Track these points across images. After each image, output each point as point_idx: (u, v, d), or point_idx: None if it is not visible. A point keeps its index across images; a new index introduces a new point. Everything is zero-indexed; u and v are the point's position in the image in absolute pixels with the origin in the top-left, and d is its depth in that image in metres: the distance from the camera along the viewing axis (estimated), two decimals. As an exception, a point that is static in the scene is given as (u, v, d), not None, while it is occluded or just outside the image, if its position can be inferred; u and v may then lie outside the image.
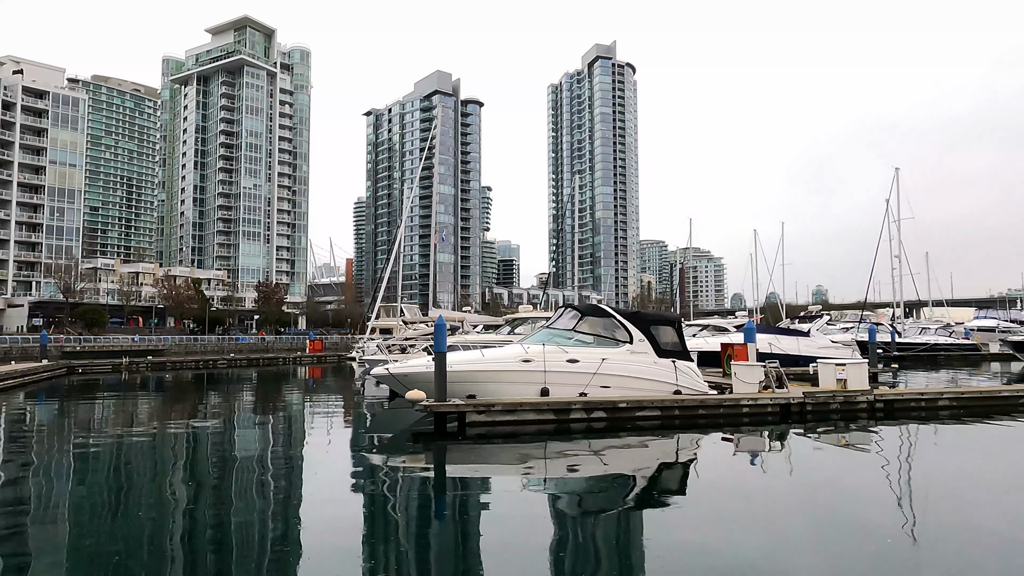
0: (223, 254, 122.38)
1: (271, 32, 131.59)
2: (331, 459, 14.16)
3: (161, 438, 16.91)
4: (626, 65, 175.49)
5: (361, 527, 8.69)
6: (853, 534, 8.02)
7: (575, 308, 19.30)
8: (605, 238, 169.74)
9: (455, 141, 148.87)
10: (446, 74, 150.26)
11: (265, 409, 24.68)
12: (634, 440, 15.18)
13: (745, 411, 17.45)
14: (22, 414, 22.53)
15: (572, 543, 8.04)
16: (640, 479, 11.67)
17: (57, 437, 17.14)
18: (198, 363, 52.06)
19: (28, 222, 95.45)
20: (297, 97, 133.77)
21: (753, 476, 12.02)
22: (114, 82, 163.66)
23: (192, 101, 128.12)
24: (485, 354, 18.00)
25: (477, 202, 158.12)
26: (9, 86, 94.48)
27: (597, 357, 17.26)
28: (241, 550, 7.77)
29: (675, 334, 18.66)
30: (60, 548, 7.80)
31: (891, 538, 7.79)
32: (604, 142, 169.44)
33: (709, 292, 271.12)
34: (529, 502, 10.04)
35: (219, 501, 10.18)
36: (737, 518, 8.86)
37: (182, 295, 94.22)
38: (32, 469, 12.80)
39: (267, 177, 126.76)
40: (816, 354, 27.55)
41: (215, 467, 13.20)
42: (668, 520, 9.00)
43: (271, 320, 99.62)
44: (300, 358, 60.03)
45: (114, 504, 9.99)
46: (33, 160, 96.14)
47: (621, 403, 16.54)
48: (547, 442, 14.77)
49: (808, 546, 7.71)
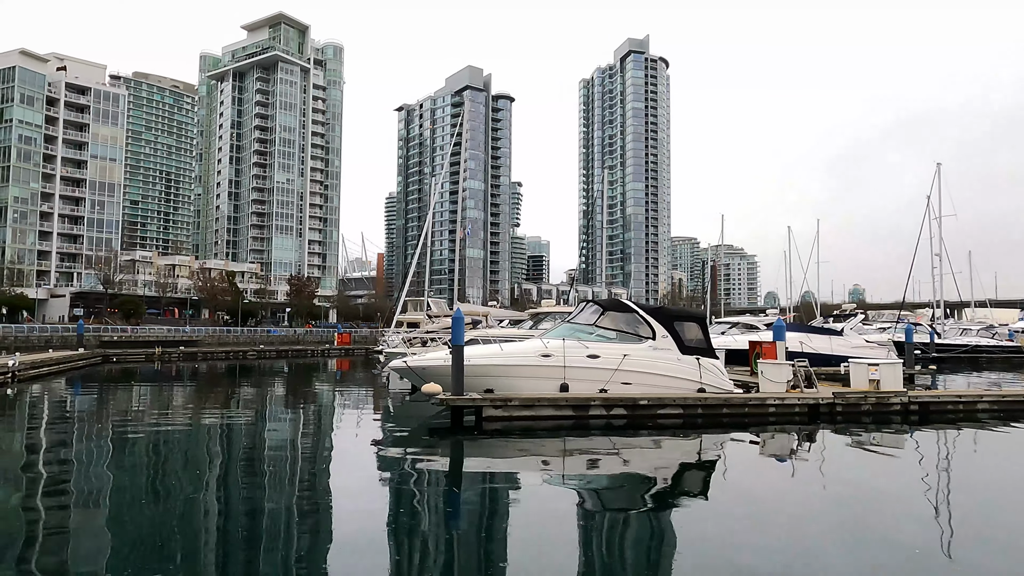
0: (256, 247, 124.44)
1: (305, 28, 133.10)
2: (352, 451, 14.13)
3: (194, 427, 17.17)
4: (659, 59, 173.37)
5: (379, 521, 8.57)
6: (882, 542, 7.60)
7: (597, 303, 18.95)
8: (635, 234, 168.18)
9: (485, 136, 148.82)
10: (477, 69, 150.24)
11: (293, 401, 24.90)
12: (655, 439, 14.83)
13: (772, 411, 16.93)
14: (61, 402, 23.08)
15: (590, 541, 7.80)
16: (661, 478, 11.35)
17: (94, 424, 17.47)
18: (229, 354, 52.97)
19: (70, 215, 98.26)
20: (330, 92, 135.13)
21: (779, 478, 11.61)
22: (154, 79, 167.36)
23: (228, 97, 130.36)
24: (504, 348, 17.79)
25: (507, 197, 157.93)
26: (53, 83, 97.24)
27: (618, 353, 16.91)
28: (269, 537, 7.80)
29: (700, 331, 18.20)
30: (99, 531, 8.00)
31: (920, 548, 7.37)
32: (636, 137, 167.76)
33: (742, 290, 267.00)
34: (546, 499, 9.80)
35: (249, 489, 10.27)
36: (761, 521, 8.52)
37: (216, 287, 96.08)
38: (71, 454, 13.19)
39: (300, 172, 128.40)
40: (849, 354, 26.71)
41: (245, 456, 13.35)
42: (690, 521, 8.70)
43: (302, 313, 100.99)
44: (328, 350, 60.76)
45: (150, 490, 10.24)
46: (75, 155, 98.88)
47: (642, 400, 16.17)
48: (565, 438, 14.52)
49: (834, 552, 7.33)
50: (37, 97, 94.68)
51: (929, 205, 55.49)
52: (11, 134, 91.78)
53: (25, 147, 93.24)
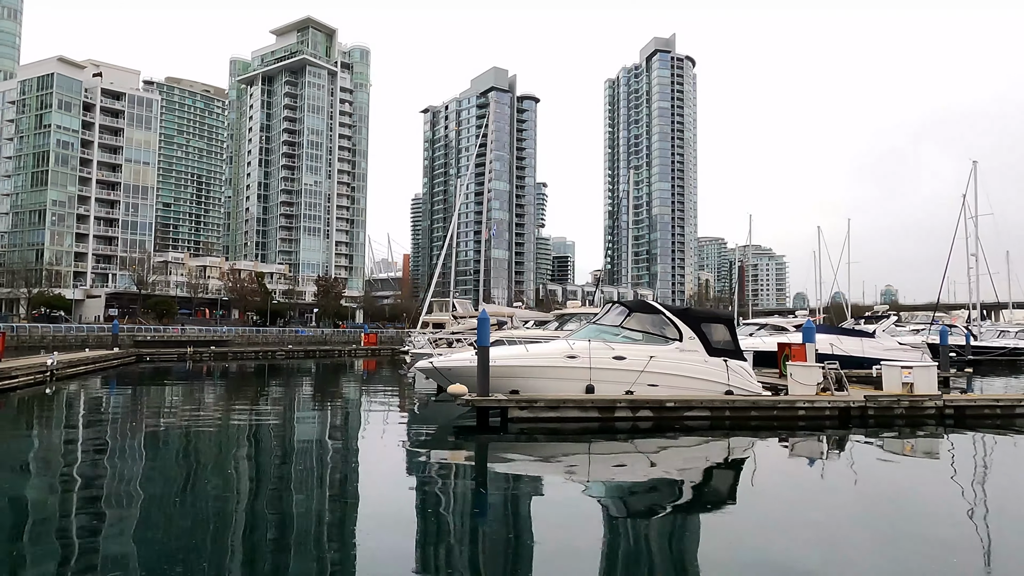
0: (285, 249, 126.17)
1: (332, 32, 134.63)
2: (378, 451, 14.25)
3: (224, 426, 17.48)
4: (685, 58, 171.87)
5: (405, 521, 8.63)
6: (916, 549, 7.44)
7: (623, 304, 18.83)
8: (662, 235, 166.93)
9: (511, 137, 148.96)
10: (502, 70, 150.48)
11: (321, 401, 25.20)
12: (682, 441, 14.69)
13: (801, 414, 16.66)
14: (97, 400, 23.66)
15: (616, 544, 7.76)
16: (688, 481, 11.23)
17: (128, 422, 17.87)
18: (258, 354, 53.76)
19: (106, 217, 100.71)
20: (357, 95, 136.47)
21: (809, 482, 11.42)
22: (185, 83, 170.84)
23: (257, 100, 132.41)
24: (529, 349, 17.77)
25: (532, 198, 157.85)
26: (89, 88, 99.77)
27: (644, 354, 16.79)
28: (297, 535, 7.90)
29: (727, 332, 18.00)
30: (133, 526, 8.19)
31: (958, 557, 7.18)
32: (662, 137, 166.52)
33: (770, 291, 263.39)
34: (572, 501, 9.77)
35: (277, 488, 10.42)
36: (791, 526, 8.39)
37: (246, 288, 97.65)
38: (106, 451, 13.56)
39: (327, 174, 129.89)
40: (881, 356, 26.17)
41: (273, 455, 13.54)
42: (717, 524, 8.61)
43: (330, 313, 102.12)
44: (355, 351, 61.33)
45: (181, 486, 10.48)
46: (110, 159, 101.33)
47: (669, 402, 16.03)
48: (591, 441, 14.46)
49: (867, 560, 7.18)
50: (74, 103, 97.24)
51: (965, 204, 54.09)
52: (50, 139, 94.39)
53: (63, 152, 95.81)
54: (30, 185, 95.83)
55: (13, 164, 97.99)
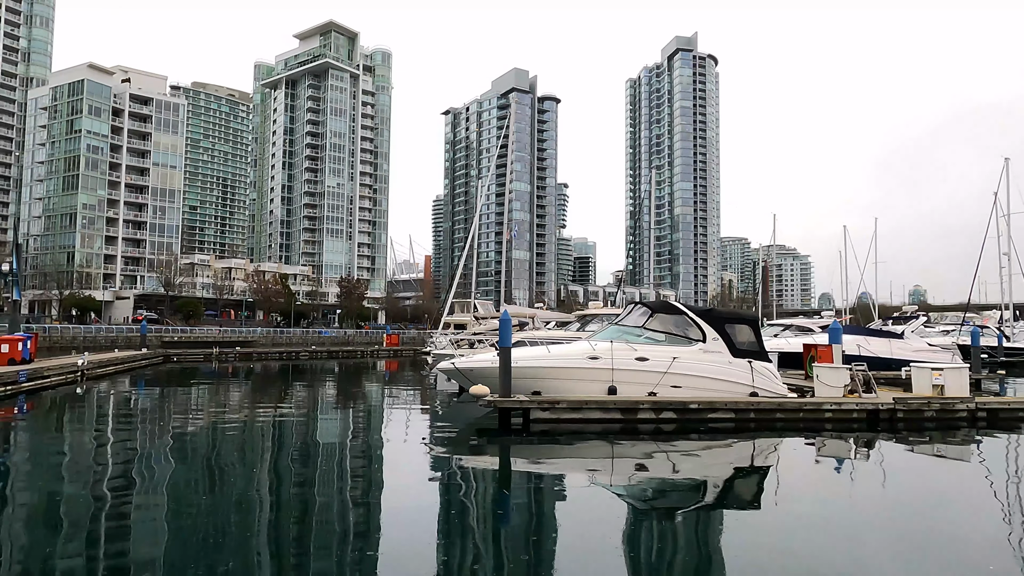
0: (308, 250, 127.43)
1: (354, 35, 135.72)
2: (400, 452, 14.31)
3: (250, 425, 17.73)
4: (707, 57, 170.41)
5: (428, 520, 8.67)
6: (948, 555, 7.28)
7: (645, 305, 18.71)
8: (684, 235, 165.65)
9: (531, 138, 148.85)
10: (523, 71, 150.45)
11: (344, 401, 25.41)
12: (706, 443, 14.55)
13: (828, 416, 16.39)
14: (126, 399, 24.11)
15: (638, 546, 7.69)
16: (712, 483, 11.12)
17: (156, 420, 18.19)
18: (283, 354, 54.36)
19: (134, 220, 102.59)
20: (378, 98, 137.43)
21: (837, 485, 11.23)
22: (211, 88, 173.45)
23: (281, 104, 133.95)
24: (551, 350, 17.73)
25: (553, 199, 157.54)
26: (118, 94, 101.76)
27: (668, 355, 16.66)
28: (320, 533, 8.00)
29: (752, 333, 17.79)
30: (160, 522, 8.41)
31: (994, 565, 6.99)
32: (684, 137, 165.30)
33: (795, 292, 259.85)
34: (594, 502, 9.73)
35: (302, 486, 10.54)
36: (818, 528, 8.26)
37: (270, 289, 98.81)
38: (135, 449, 13.86)
39: (350, 176, 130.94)
40: (910, 357, 25.67)
41: (297, 454, 13.70)
42: (742, 526, 8.51)
43: (352, 315, 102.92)
44: (378, 351, 61.74)
45: (207, 484, 10.71)
46: (138, 162, 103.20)
47: (692, 404, 15.89)
48: (614, 442, 14.38)
49: (895, 566, 7.05)
50: (104, 108, 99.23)
51: (996, 202, 52.84)
52: (80, 144, 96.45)
53: (93, 156, 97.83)
54: (62, 189, 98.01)
55: (45, 169, 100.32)
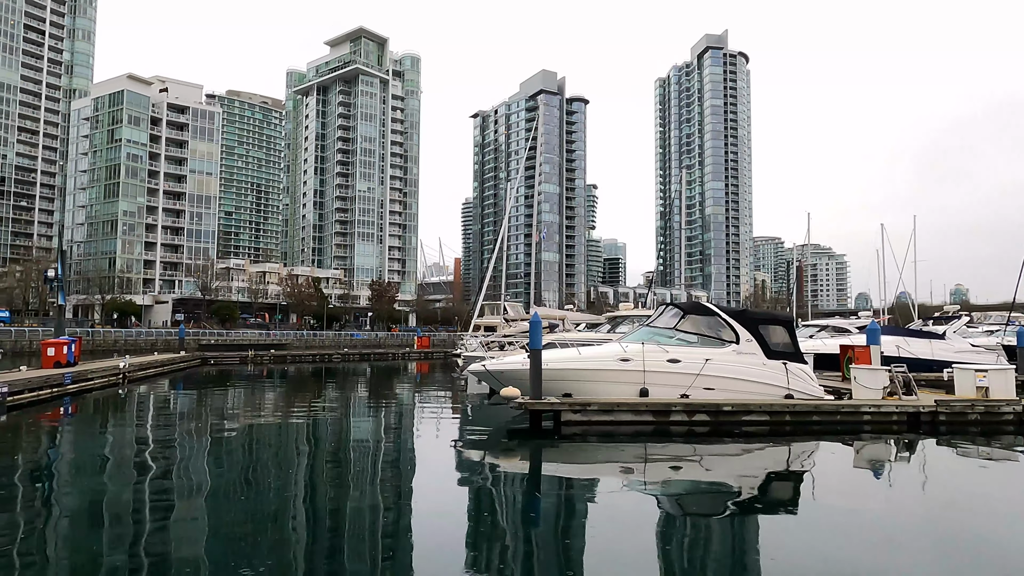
0: (340, 254, 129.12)
1: (384, 41, 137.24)
2: (432, 453, 14.41)
3: (284, 426, 18.06)
4: (738, 54, 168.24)
5: (460, 522, 8.73)
6: (990, 563, 7.06)
7: (677, 306, 18.54)
8: (715, 235, 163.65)
9: (560, 139, 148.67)
10: (551, 73, 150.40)
11: (375, 402, 25.67)
12: (740, 446, 14.35)
13: (866, 419, 16.04)
14: (165, 401, 24.72)
15: (670, 550, 7.64)
16: (747, 487, 10.95)
17: (195, 422, 18.61)
18: (316, 357, 55.14)
19: (172, 226, 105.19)
20: (408, 102, 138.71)
21: (876, 490, 10.98)
22: (245, 96, 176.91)
23: (312, 110, 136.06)
24: (582, 352, 17.68)
25: (582, 200, 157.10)
26: (156, 103, 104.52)
27: (700, 357, 16.48)
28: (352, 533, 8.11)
29: (786, 334, 17.50)
30: (198, 521, 8.62)
31: (1040, 570, 6.77)
32: (714, 135, 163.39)
33: (830, 292, 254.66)
34: (626, 505, 9.68)
35: (336, 487, 10.70)
36: (856, 534, 8.08)
37: (303, 293, 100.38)
38: (174, 448, 14.22)
39: (380, 180, 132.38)
40: (952, 359, 24.93)
41: (331, 455, 13.90)
42: (777, 532, 8.36)
43: (383, 317, 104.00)
44: (409, 354, 62.22)
45: (243, 483, 10.96)
46: (175, 170, 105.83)
47: (726, 406, 15.68)
48: (646, 444, 14.28)
49: (937, 573, 6.87)
50: (142, 118, 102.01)
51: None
52: (120, 152, 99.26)
53: (133, 164, 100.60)
54: (103, 197, 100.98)
55: (88, 177, 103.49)
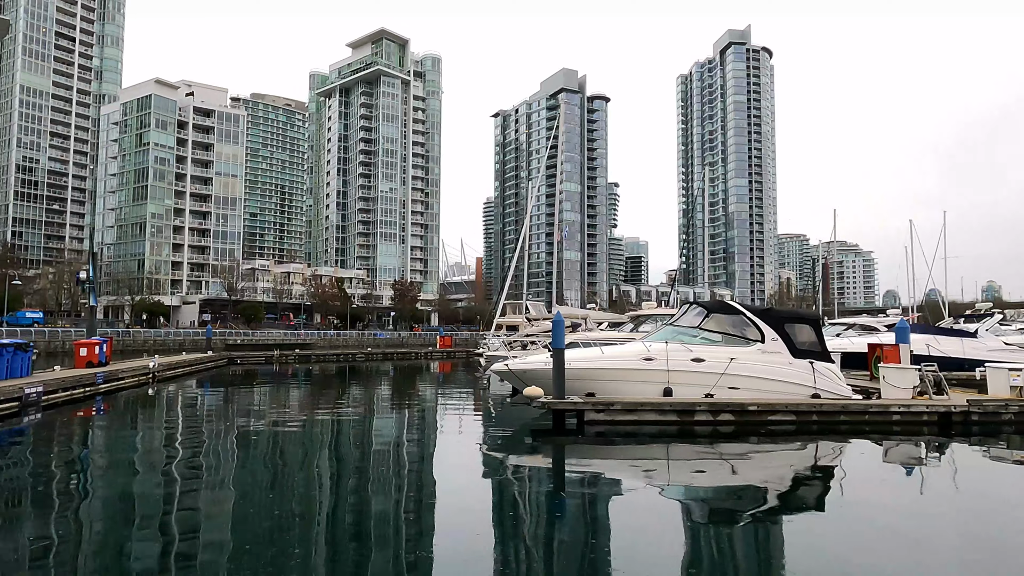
0: (363, 254, 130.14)
1: (405, 42, 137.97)
2: (455, 452, 14.48)
3: (308, 424, 18.28)
4: (762, 50, 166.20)
5: (483, 521, 8.76)
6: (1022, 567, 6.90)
7: (700, 305, 18.39)
8: (739, 232, 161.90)
9: (581, 138, 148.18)
10: (572, 71, 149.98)
11: (399, 401, 25.85)
12: (766, 446, 14.20)
13: (896, 419, 15.77)
14: (193, 400, 25.15)
15: (696, 551, 7.59)
16: (773, 488, 10.84)
17: (222, 421, 18.91)
18: (339, 356, 55.65)
19: (198, 228, 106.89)
20: (429, 103, 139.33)
21: (905, 492, 10.79)
22: (269, 99, 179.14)
23: (335, 112, 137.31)
24: (605, 351, 17.62)
25: (604, 199, 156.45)
26: (183, 107, 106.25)
27: (725, 356, 16.34)
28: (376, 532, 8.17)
29: (813, 333, 17.26)
30: (225, 516, 8.78)
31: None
32: (738, 132, 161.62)
33: (857, 289, 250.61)
34: (650, 506, 9.62)
35: (360, 485, 10.81)
36: (884, 536, 7.95)
37: (327, 293, 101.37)
38: (203, 446, 14.49)
39: (402, 180, 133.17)
40: (984, 357, 24.39)
41: (355, 453, 14.04)
42: (803, 534, 8.27)
43: (406, 317, 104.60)
44: (431, 353, 62.51)
45: (268, 482, 11.12)
46: (202, 172, 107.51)
47: (751, 406, 15.53)
48: (670, 444, 14.20)
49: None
50: (170, 121, 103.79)
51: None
52: (148, 156, 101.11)
53: (160, 167, 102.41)
54: (132, 200, 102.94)
55: (117, 180, 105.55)
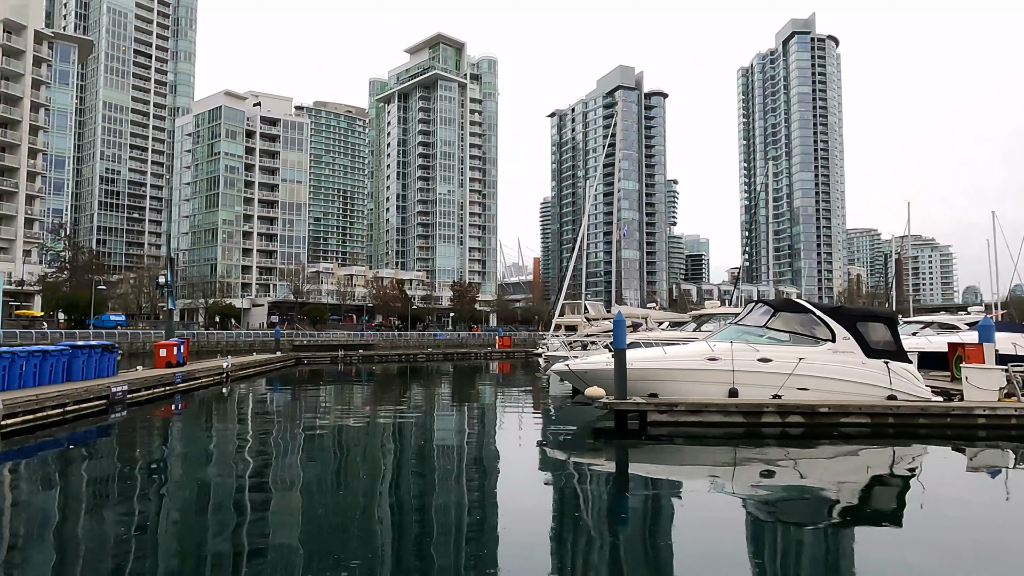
0: (422, 256, 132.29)
1: (461, 46, 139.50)
2: (517, 452, 14.54)
3: (372, 423, 18.74)
4: (827, 38, 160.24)
5: (545, 521, 8.76)
6: None
7: (767, 303, 17.89)
8: (805, 228, 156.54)
9: (639, 135, 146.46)
10: (629, 68, 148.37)
11: (459, 401, 26.17)
12: (838, 449, 13.69)
13: (980, 422, 14.92)
14: (264, 399, 26.15)
15: (762, 557, 7.38)
16: (846, 493, 10.43)
17: (291, 419, 19.60)
18: (401, 356, 56.77)
19: (266, 233, 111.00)
20: (485, 105, 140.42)
21: (991, 501, 10.19)
22: (331, 106, 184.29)
23: (394, 117, 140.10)
24: (668, 351, 17.37)
25: (662, 196, 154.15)
26: (251, 117, 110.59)
27: (793, 356, 15.83)
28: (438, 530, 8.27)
29: (888, 332, 16.52)
30: (293, 512, 9.07)
31: None
32: (802, 124, 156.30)
33: (934, 286, 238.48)
34: (715, 509, 9.43)
35: (421, 486, 10.96)
36: (968, 550, 7.55)
37: (388, 295, 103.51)
38: (273, 445, 15.05)
39: (460, 183, 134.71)
40: (1080, 357, 22.80)
41: (417, 453, 14.28)
42: (879, 543, 7.92)
43: (464, 317, 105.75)
44: (490, 353, 62.98)
45: (333, 478, 11.45)
46: (268, 179, 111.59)
47: (822, 408, 14.99)
48: (736, 446, 13.86)
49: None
50: (238, 131, 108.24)
51: None
52: (219, 165, 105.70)
53: (230, 176, 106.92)
54: (204, 207, 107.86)
55: (190, 189, 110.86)
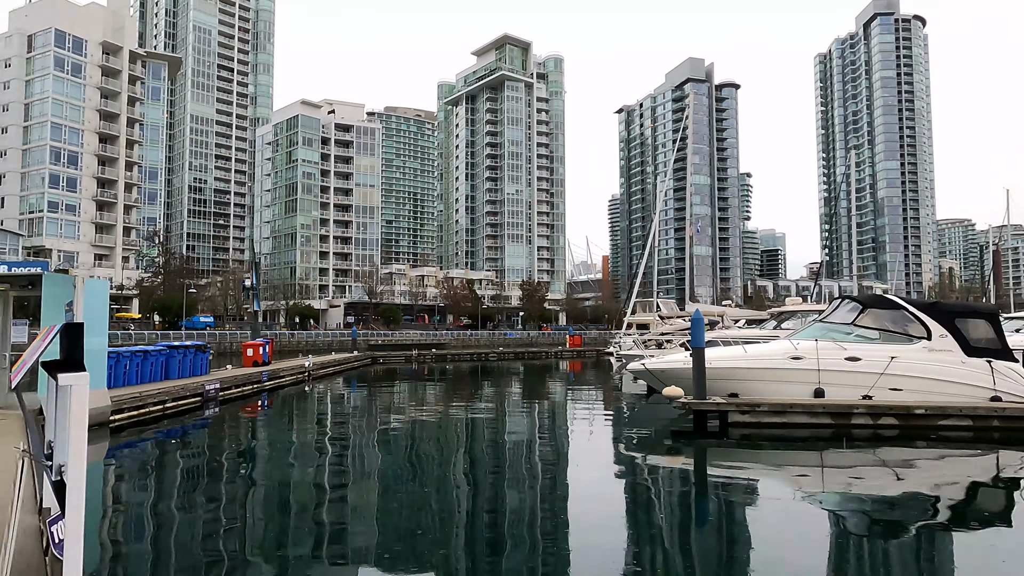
0: (491, 256, 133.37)
1: (527, 45, 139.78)
2: (592, 452, 14.49)
3: (445, 421, 19.09)
4: (913, 18, 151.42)
5: (621, 522, 8.69)
6: None
7: (854, 299, 17.08)
8: (890, 219, 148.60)
9: (709, 128, 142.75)
10: (698, 60, 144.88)
11: (531, 400, 26.26)
12: (936, 453, 12.95)
13: (1099, 426, 13.78)
14: (343, 397, 27.06)
15: (850, 565, 7.05)
16: (945, 498, 9.85)
17: (367, 416, 20.21)
18: (472, 355, 57.45)
19: (341, 236, 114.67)
20: (552, 103, 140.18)
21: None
22: (400, 110, 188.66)
23: (462, 119, 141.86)
24: (748, 350, 16.85)
25: (735, 190, 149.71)
26: (325, 124, 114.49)
27: (884, 355, 15.05)
28: (512, 529, 8.34)
29: (990, 328, 15.46)
30: (370, 506, 9.36)
31: None
32: (886, 110, 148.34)
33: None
34: (800, 515, 9.09)
35: (494, 483, 11.12)
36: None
37: (458, 295, 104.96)
38: (352, 440, 15.61)
39: (527, 182, 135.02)
40: None
41: (489, 451, 14.47)
42: (982, 549, 7.44)
43: (534, 316, 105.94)
44: (561, 352, 62.87)
45: (408, 475, 11.76)
46: (343, 184, 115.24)
47: (918, 409, 14.20)
48: (823, 449, 13.33)
49: None
50: (314, 138, 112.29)
51: None
52: (297, 172, 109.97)
53: (307, 182, 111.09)
54: (284, 212, 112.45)
55: (271, 195, 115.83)
